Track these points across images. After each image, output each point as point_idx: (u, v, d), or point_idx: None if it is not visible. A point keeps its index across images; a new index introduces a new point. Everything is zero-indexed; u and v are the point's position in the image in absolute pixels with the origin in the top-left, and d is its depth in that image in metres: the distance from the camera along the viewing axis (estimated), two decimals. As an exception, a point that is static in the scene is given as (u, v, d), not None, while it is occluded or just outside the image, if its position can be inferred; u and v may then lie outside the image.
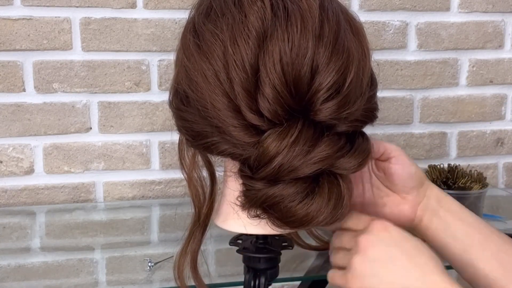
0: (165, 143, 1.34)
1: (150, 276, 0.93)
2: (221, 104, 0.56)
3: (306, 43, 0.54)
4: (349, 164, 0.57)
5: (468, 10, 1.44)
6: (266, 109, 0.55)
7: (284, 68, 0.54)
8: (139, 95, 1.31)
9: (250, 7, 0.55)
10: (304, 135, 0.55)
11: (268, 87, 0.54)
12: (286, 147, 0.54)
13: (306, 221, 0.56)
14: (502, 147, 1.52)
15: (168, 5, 1.29)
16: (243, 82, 0.55)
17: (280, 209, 0.56)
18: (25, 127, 1.27)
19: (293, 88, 0.54)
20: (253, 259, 0.67)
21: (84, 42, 1.27)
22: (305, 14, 0.55)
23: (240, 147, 0.57)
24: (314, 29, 0.54)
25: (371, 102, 0.62)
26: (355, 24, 0.61)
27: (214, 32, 0.57)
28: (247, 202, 0.58)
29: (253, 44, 0.54)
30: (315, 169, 0.55)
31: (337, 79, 0.55)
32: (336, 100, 0.55)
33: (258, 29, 0.55)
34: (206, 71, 0.56)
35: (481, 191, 1.15)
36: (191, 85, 0.58)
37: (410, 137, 1.46)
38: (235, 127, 0.56)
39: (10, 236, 1.13)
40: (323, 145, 0.55)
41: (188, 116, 0.60)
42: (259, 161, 0.55)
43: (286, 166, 0.54)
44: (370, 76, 0.62)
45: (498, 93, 1.49)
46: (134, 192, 1.34)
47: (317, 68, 0.55)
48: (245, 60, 0.55)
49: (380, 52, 1.39)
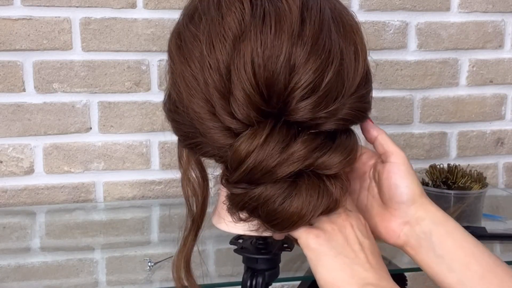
0: (165, 143, 1.34)
1: (150, 276, 0.93)
2: (199, 107, 0.56)
3: (281, 44, 0.53)
4: (331, 162, 0.55)
5: (468, 10, 1.44)
6: (238, 111, 0.54)
7: (255, 70, 0.53)
8: (139, 95, 1.31)
9: (228, 9, 0.55)
10: (276, 135, 0.54)
11: (238, 90, 0.54)
12: (257, 148, 0.53)
13: (291, 223, 0.56)
14: (502, 147, 1.52)
15: (168, 5, 1.29)
16: (217, 84, 0.54)
17: (262, 212, 0.56)
18: (25, 127, 1.27)
19: (265, 90, 0.54)
20: (251, 259, 0.67)
21: (84, 42, 1.27)
22: (282, 14, 0.54)
23: (219, 150, 0.57)
24: (291, 29, 0.54)
25: (362, 101, 0.60)
26: (348, 23, 0.60)
27: (194, 34, 0.57)
28: (231, 205, 0.58)
29: (229, 46, 0.54)
30: (293, 169, 0.54)
31: (314, 78, 0.54)
32: (311, 99, 0.54)
33: (234, 31, 0.54)
34: (185, 73, 0.57)
35: (481, 191, 1.15)
36: (175, 87, 0.59)
37: (410, 137, 1.46)
38: (211, 129, 0.56)
39: (10, 236, 1.13)
40: (298, 144, 0.54)
41: (176, 117, 0.61)
42: (232, 164, 0.55)
43: (259, 167, 0.54)
44: (365, 76, 0.61)
45: (498, 93, 1.49)
46: (134, 192, 1.35)
47: (294, 68, 0.54)
48: (220, 62, 0.54)
49: (380, 52, 1.39)
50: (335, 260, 0.56)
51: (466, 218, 1.13)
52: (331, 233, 0.57)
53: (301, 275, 0.94)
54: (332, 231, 0.57)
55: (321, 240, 0.56)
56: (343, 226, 0.58)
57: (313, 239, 0.56)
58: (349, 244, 0.56)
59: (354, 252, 0.56)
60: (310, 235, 0.57)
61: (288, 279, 0.94)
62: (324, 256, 0.56)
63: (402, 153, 0.64)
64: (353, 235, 0.57)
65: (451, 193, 1.13)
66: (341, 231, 0.57)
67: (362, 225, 0.59)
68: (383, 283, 0.55)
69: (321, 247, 0.56)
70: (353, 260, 0.56)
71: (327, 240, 0.56)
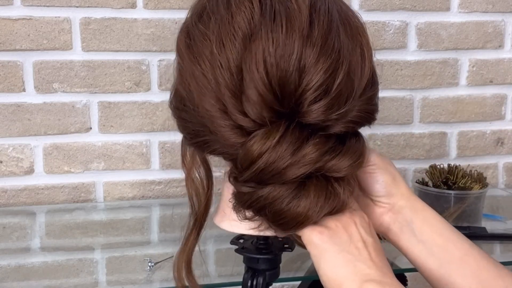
0: (165, 143, 1.34)
1: (150, 276, 0.93)
2: (209, 105, 0.56)
3: (292, 43, 0.53)
4: (340, 166, 0.56)
5: (468, 10, 1.44)
6: (251, 110, 0.54)
7: (268, 69, 0.53)
8: (139, 95, 1.31)
9: (237, 7, 0.55)
10: (289, 137, 0.54)
11: (251, 89, 0.54)
12: (269, 149, 0.53)
13: (297, 223, 0.56)
14: (502, 147, 1.52)
15: (168, 5, 1.29)
16: (228, 83, 0.54)
17: (269, 212, 0.56)
18: (25, 127, 1.27)
19: (278, 89, 0.54)
20: (252, 259, 0.67)
21: (84, 42, 1.27)
22: (292, 14, 0.54)
23: (229, 148, 0.57)
24: (301, 29, 0.54)
25: (369, 103, 0.60)
26: (355, 24, 0.60)
27: (204, 33, 0.56)
28: (237, 204, 0.58)
29: (239, 45, 0.54)
30: (303, 171, 0.54)
31: (325, 79, 0.54)
32: (324, 101, 0.54)
33: (244, 30, 0.54)
34: (196, 72, 0.57)
35: (481, 191, 1.15)
36: (184, 85, 0.59)
37: (410, 137, 1.46)
38: (222, 127, 0.56)
39: (10, 236, 1.13)
40: (310, 147, 0.54)
41: (184, 115, 0.61)
42: (243, 163, 0.55)
43: (270, 168, 0.54)
44: (371, 77, 0.61)
45: (498, 93, 1.49)
46: (134, 192, 1.35)
47: (304, 68, 0.54)
48: (230, 61, 0.54)
49: (380, 52, 1.39)
50: (338, 256, 0.56)
51: (466, 218, 1.13)
52: (334, 230, 0.57)
53: (301, 275, 0.94)
54: (336, 228, 0.57)
55: (325, 236, 0.56)
56: (347, 224, 0.58)
57: (316, 236, 0.57)
58: (352, 241, 0.57)
59: (358, 249, 0.56)
60: (314, 232, 0.57)
61: (289, 279, 0.94)
62: (327, 252, 0.56)
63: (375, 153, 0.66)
64: (357, 232, 0.58)
65: (451, 193, 1.13)
66: (345, 229, 0.57)
67: (365, 223, 0.59)
68: (386, 280, 0.55)
69: (325, 243, 0.56)
70: (356, 257, 0.56)
71: (330, 237, 0.56)
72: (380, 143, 1.45)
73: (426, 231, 0.65)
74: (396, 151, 1.46)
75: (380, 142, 1.45)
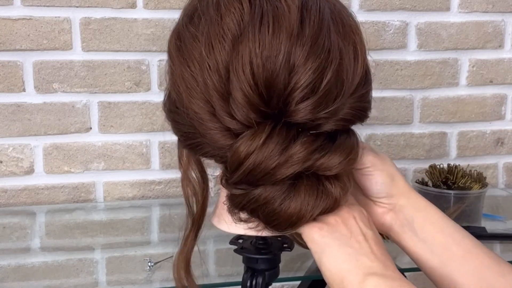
0: (165, 143, 1.34)
1: (150, 276, 0.93)
2: (198, 107, 0.56)
3: (279, 44, 0.53)
4: (330, 164, 0.55)
5: (468, 10, 1.44)
6: (238, 112, 0.54)
7: (254, 71, 0.53)
8: (139, 95, 1.31)
9: (227, 9, 0.55)
10: (276, 137, 0.54)
11: (237, 91, 0.53)
12: (256, 150, 0.53)
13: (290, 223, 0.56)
14: (502, 147, 1.52)
15: (168, 5, 1.29)
16: (216, 86, 0.54)
17: (262, 213, 0.56)
18: (25, 127, 1.27)
19: (264, 91, 0.53)
20: (251, 259, 0.67)
21: (84, 42, 1.27)
22: (280, 14, 0.54)
23: (218, 150, 0.57)
24: (290, 29, 0.54)
25: (362, 101, 0.60)
26: (348, 23, 0.60)
27: (194, 35, 0.56)
28: (231, 206, 0.58)
29: (228, 47, 0.54)
30: (292, 171, 0.54)
31: (314, 78, 0.54)
32: (311, 100, 0.54)
33: (233, 31, 0.54)
34: (185, 74, 0.57)
35: (481, 191, 1.15)
36: (175, 87, 0.59)
37: (410, 137, 1.46)
38: (211, 130, 0.56)
39: (10, 236, 1.13)
40: (298, 146, 0.54)
41: (176, 117, 0.61)
42: (231, 165, 0.55)
43: (259, 169, 0.54)
44: (365, 75, 0.61)
45: (498, 93, 1.49)
46: (134, 192, 1.35)
47: (293, 68, 0.54)
48: (219, 63, 0.54)
49: (380, 52, 1.39)
50: (340, 251, 0.56)
51: (466, 218, 1.13)
52: (334, 225, 0.57)
53: (301, 275, 0.94)
54: (335, 223, 0.57)
55: (325, 232, 0.56)
56: (346, 218, 0.58)
57: (316, 232, 0.57)
58: (352, 235, 0.57)
59: (359, 243, 0.56)
60: (314, 228, 0.57)
61: (288, 279, 0.94)
62: (328, 247, 0.56)
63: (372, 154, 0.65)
64: (356, 226, 0.58)
65: (451, 193, 1.13)
66: (344, 223, 0.57)
67: (364, 217, 0.59)
68: (389, 272, 0.55)
69: (325, 238, 0.56)
70: (357, 251, 0.56)
71: (330, 232, 0.57)
72: (380, 143, 1.45)
73: (427, 229, 0.65)
74: (396, 151, 1.46)
75: (380, 142, 1.45)
